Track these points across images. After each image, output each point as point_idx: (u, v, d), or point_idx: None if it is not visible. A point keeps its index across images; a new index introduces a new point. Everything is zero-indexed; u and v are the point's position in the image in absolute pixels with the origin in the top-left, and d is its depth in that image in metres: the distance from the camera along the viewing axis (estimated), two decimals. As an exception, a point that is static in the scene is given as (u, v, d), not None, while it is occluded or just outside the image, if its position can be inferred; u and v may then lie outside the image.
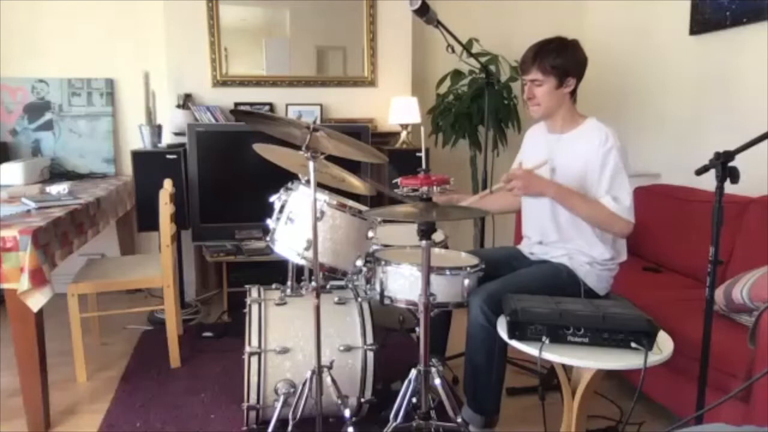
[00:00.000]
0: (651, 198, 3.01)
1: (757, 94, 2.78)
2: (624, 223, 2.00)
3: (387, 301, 2.01)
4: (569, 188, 2.04)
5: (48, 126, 3.70)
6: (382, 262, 2.01)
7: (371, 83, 3.85)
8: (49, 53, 3.66)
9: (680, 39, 3.28)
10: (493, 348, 1.98)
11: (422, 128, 2.25)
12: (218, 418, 2.32)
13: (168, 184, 2.75)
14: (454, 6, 3.83)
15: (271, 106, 3.70)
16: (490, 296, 1.95)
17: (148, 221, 3.14)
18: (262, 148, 2.09)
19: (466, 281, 1.96)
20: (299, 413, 1.97)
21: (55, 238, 2.28)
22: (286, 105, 3.72)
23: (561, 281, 2.11)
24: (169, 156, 3.27)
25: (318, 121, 3.68)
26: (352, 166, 2.20)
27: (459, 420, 1.89)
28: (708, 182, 1.70)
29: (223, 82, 3.66)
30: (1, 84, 3.61)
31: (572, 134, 2.12)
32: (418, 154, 1.96)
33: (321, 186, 2.05)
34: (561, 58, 2.05)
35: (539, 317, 1.72)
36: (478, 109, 3.60)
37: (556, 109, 2.12)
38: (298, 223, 1.99)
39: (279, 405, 2.00)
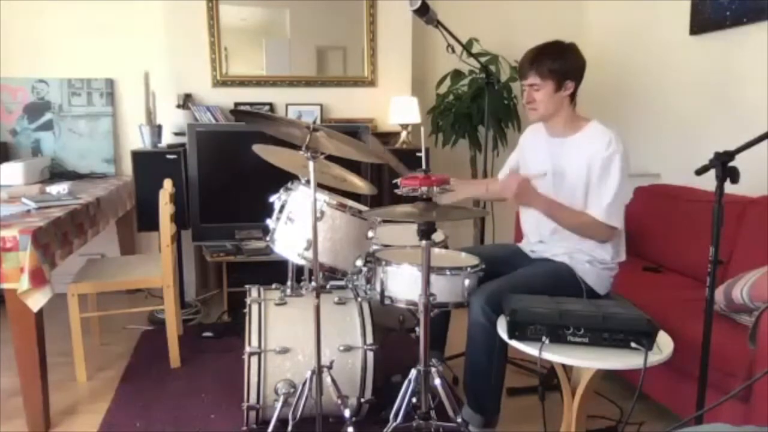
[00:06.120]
0: (651, 198, 3.01)
1: (758, 94, 2.78)
2: (605, 233, 2.04)
3: (387, 301, 2.01)
4: (559, 204, 2.07)
5: (48, 126, 3.70)
6: (382, 262, 2.01)
7: (371, 83, 3.84)
8: (49, 53, 3.66)
9: (680, 39, 3.28)
10: (493, 348, 1.98)
11: (422, 128, 2.25)
12: (218, 418, 2.32)
13: (168, 184, 2.75)
14: (454, 6, 3.83)
15: (271, 106, 3.70)
16: (490, 296, 1.95)
17: (148, 221, 3.14)
18: (262, 149, 2.09)
19: (466, 281, 1.97)
20: (299, 413, 1.97)
21: (55, 238, 2.28)
22: (286, 105, 3.72)
23: (561, 280, 2.11)
24: (169, 156, 3.27)
25: (318, 121, 3.68)
26: (353, 166, 2.20)
27: (459, 420, 1.89)
28: (708, 182, 1.70)
29: (223, 82, 3.66)
30: (1, 84, 3.61)
31: (575, 138, 2.12)
32: (418, 154, 1.96)
33: (321, 186, 2.05)
34: (559, 62, 2.05)
35: (539, 317, 1.72)
36: (478, 109, 3.60)
37: (554, 112, 2.12)
38: (298, 223, 2.00)
39: (279, 405, 2.00)
